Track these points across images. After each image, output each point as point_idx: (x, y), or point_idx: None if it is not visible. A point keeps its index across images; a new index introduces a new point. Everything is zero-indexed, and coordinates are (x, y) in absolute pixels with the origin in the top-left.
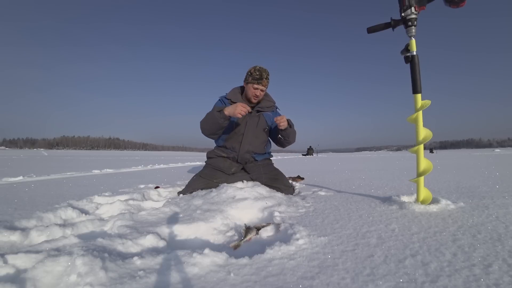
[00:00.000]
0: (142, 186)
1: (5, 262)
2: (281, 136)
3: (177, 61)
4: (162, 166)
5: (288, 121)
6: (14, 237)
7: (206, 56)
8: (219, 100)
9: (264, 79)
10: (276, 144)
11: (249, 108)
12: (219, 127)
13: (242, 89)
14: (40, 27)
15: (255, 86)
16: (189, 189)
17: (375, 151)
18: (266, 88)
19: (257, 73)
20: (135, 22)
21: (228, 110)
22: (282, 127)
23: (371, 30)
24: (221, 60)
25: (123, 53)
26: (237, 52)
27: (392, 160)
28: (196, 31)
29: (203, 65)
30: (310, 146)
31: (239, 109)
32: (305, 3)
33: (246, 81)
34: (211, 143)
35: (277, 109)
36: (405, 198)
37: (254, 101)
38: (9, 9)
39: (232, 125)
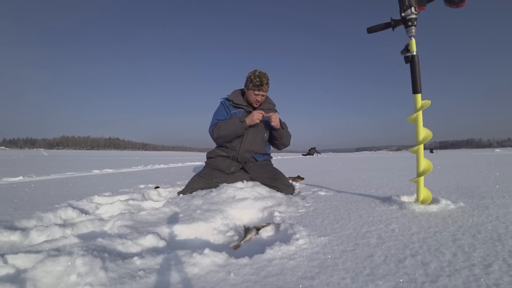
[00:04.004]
0: (142, 186)
1: (5, 262)
2: (274, 137)
3: (178, 61)
4: (162, 166)
5: (282, 123)
6: (14, 237)
7: (207, 57)
8: (221, 103)
9: (264, 84)
10: (272, 145)
11: (261, 116)
12: (238, 135)
13: (243, 91)
14: (49, 27)
15: (256, 92)
16: (189, 189)
17: (375, 151)
18: (267, 92)
19: (257, 79)
20: (137, 22)
21: (248, 120)
22: (274, 125)
23: (371, 30)
24: (221, 61)
25: (124, 53)
26: (237, 52)
27: (392, 160)
28: (196, 31)
29: (203, 65)
30: (314, 147)
31: (256, 116)
32: (306, 3)
33: (246, 87)
34: (211, 143)
35: (277, 112)
36: (405, 198)
37: (255, 105)
38: (16, 11)
39: None
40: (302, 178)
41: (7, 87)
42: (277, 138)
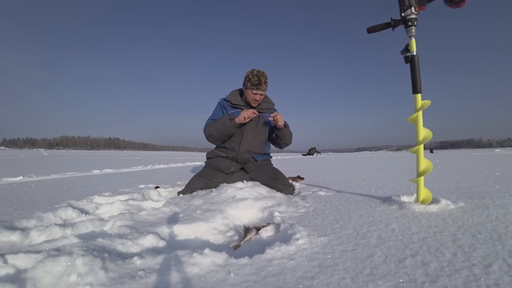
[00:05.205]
0: (142, 186)
1: (5, 262)
2: (278, 136)
3: (178, 62)
4: (162, 166)
5: (284, 122)
6: (14, 237)
7: (207, 57)
8: (219, 103)
9: (262, 84)
10: (273, 145)
11: (251, 113)
12: (229, 134)
13: (242, 91)
14: (49, 28)
15: (254, 91)
16: (189, 189)
17: (375, 151)
18: (265, 91)
19: (255, 78)
20: (138, 22)
21: (238, 118)
22: (280, 126)
23: (371, 30)
24: (221, 61)
25: (125, 53)
26: (237, 52)
27: (392, 160)
28: (196, 31)
29: (203, 66)
30: (315, 147)
31: (243, 115)
32: (305, 3)
33: (245, 86)
34: (211, 144)
35: (276, 111)
36: (405, 198)
37: (254, 105)
38: (21, 12)
39: None
40: (302, 178)
41: (7, 87)
42: (280, 137)
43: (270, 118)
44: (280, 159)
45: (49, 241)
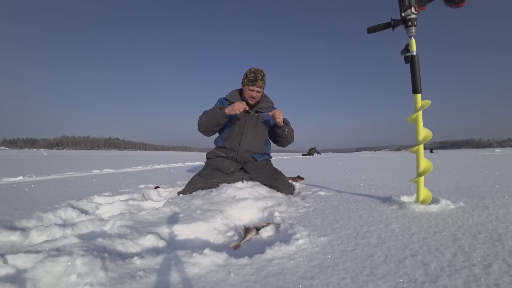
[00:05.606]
0: (142, 186)
1: (5, 262)
2: (278, 134)
3: (178, 62)
4: (162, 166)
5: (285, 119)
6: (14, 237)
7: (207, 57)
8: (218, 101)
9: (259, 80)
10: (275, 143)
11: (246, 106)
12: (217, 123)
13: (242, 91)
14: (50, 28)
15: (251, 88)
16: (189, 189)
17: (375, 151)
18: (262, 89)
19: (252, 75)
20: (138, 22)
21: (228, 109)
22: (279, 123)
23: (371, 30)
24: (222, 61)
25: (125, 53)
26: (237, 53)
27: (392, 160)
28: (196, 31)
29: (204, 66)
30: (315, 148)
31: (237, 106)
32: (305, 3)
33: (242, 83)
34: (211, 143)
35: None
36: (405, 198)
37: (251, 102)
38: (23, 12)
39: (231, 125)
40: (302, 178)
41: (7, 87)
42: (281, 135)
43: (270, 114)
44: (280, 159)
45: (49, 241)
